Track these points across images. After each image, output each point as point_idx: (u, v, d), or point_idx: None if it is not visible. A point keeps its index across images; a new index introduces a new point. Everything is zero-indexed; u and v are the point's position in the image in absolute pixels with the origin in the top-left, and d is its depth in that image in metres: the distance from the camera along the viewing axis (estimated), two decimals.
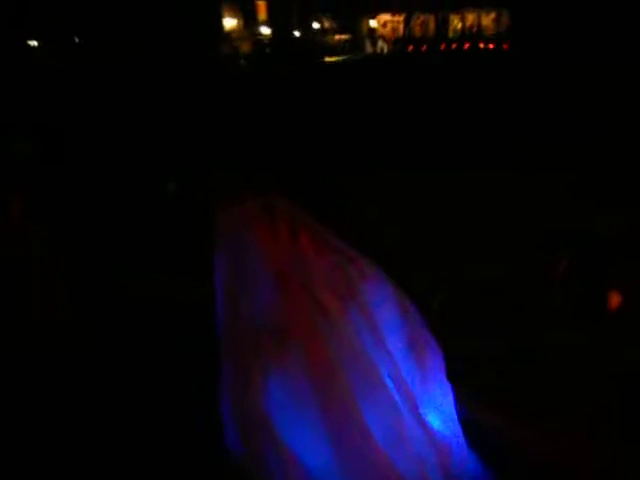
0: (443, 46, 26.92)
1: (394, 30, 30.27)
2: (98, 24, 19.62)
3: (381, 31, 30.34)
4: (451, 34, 28.87)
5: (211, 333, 2.51)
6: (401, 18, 30.11)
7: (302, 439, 2.10)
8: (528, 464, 2.41)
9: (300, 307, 2.19)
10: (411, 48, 27.43)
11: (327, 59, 24.25)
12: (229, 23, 27.52)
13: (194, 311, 3.25)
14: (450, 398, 2.43)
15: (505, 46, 24.48)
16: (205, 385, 2.49)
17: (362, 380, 2.15)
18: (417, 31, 29.68)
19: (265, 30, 28.83)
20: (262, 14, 29.25)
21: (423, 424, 2.27)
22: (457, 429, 2.42)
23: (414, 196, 5.34)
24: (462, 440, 2.41)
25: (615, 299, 3.39)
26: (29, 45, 20.76)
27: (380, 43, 29.34)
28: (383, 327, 2.30)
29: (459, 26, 29.14)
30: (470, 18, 28.84)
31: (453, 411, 2.43)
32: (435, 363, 2.38)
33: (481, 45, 26.26)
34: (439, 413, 2.38)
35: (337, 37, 30.75)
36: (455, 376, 2.45)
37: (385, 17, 30.27)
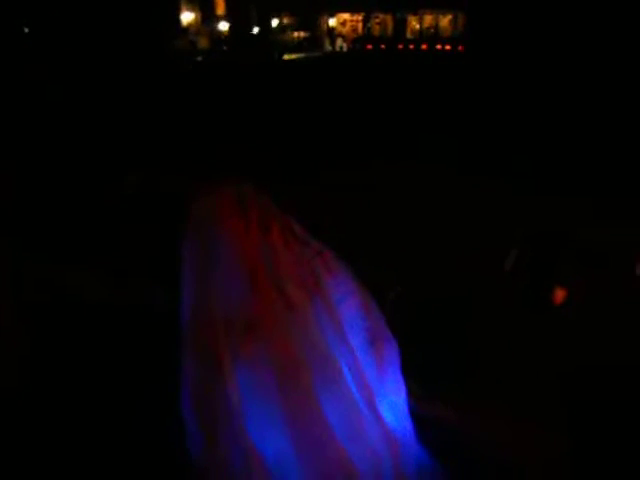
0: (401, 46, 27.24)
1: (353, 29, 30.49)
2: (51, 15, 19.01)
3: (340, 29, 30.51)
4: (409, 35, 29.28)
5: (160, 334, 2.47)
6: (360, 17, 30.35)
7: (264, 431, 2.11)
8: (478, 457, 2.46)
9: (268, 301, 2.19)
10: (369, 47, 27.65)
11: (285, 56, 24.20)
12: (187, 17, 27.14)
13: (142, 313, 3.19)
14: (403, 393, 2.47)
15: (461, 48, 24.95)
16: (156, 385, 2.46)
17: (323, 375, 2.18)
18: (376, 30, 29.98)
19: (223, 26, 28.56)
20: (220, 9, 28.97)
21: (379, 419, 2.30)
22: (409, 424, 2.45)
23: (370, 189, 5.37)
24: (413, 434, 2.45)
25: (560, 294, 3.48)
26: None
27: (339, 41, 29.48)
28: (345, 322, 2.32)
29: (417, 27, 29.58)
30: (428, 19, 29.30)
31: (405, 406, 2.47)
32: (392, 359, 2.41)
33: (438, 46, 26.70)
34: (393, 408, 2.42)
35: (296, 34, 30.74)
36: (407, 371, 2.48)
37: (344, 16, 30.45)
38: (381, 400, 2.36)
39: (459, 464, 2.45)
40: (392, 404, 2.41)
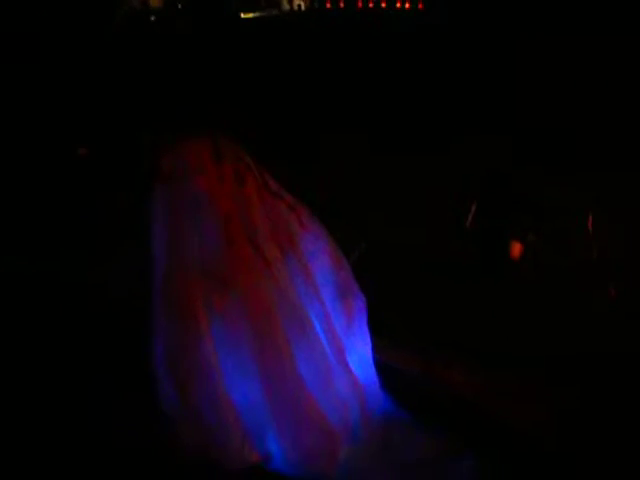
0: (360, 4, 26.74)
1: None
2: None
3: None
4: None
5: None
6: None
7: (237, 383, 2.16)
8: (439, 405, 2.61)
9: (244, 256, 2.20)
10: (329, 6, 27.05)
11: (242, 15, 23.49)
12: None
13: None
14: (369, 345, 2.57)
15: (420, 5, 24.67)
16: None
17: (296, 328, 2.23)
18: None
19: None
20: None
21: (347, 370, 2.40)
22: (374, 374, 2.56)
23: (334, 156, 5.37)
24: (378, 383, 2.57)
25: (517, 249, 3.63)
26: None
27: (297, 0, 28.74)
28: (317, 277, 2.38)
29: None
30: None
31: (371, 357, 2.58)
32: (360, 312, 2.50)
33: (398, 4, 26.31)
34: (360, 359, 2.52)
35: None
36: (373, 323, 2.59)
37: None
38: (349, 351, 2.45)
39: (420, 410, 2.59)
40: (359, 355, 2.51)
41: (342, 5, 26.98)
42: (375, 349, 2.59)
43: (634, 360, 2.83)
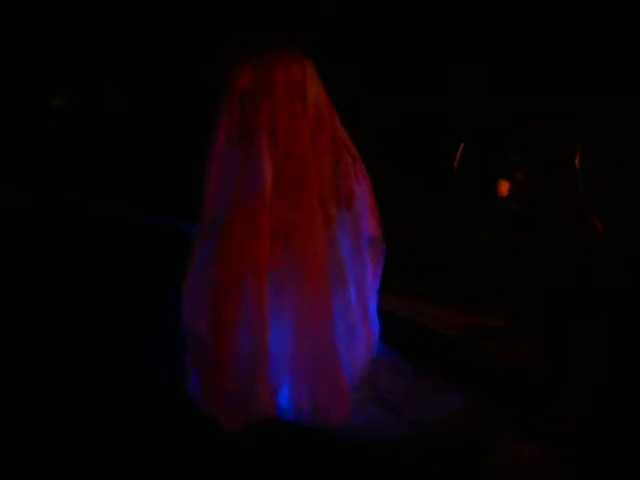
0: None
1: None
2: None
3: None
4: None
5: None
6: None
7: (276, 333, 2.11)
8: (425, 345, 2.69)
9: (309, 207, 2.06)
10: None
11: None
12: None
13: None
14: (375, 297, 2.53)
15: None
16: None
17: (338, 286, 2.19)
18: None
19: None
20: None
21: (367, 327, 2.41)
22: (378, 325, 2.56)
23: None
24: (379, 334, 2.58)
25: (505, 187, 3.65)
26: None
27: None
28: (362, 237, 2.31)
29: None
30: None
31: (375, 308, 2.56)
32: (381, 267, 2.46)
33: None
34: (374, 313, 2.52)
35: None
36: None
37: None
38: (372, 306, 2.46)
39: (408, 351, 2.67)
40: (374, 308, 2.51)
41: None
42: None
43: (619, 295, 2.91)
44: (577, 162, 3.64)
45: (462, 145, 3.79)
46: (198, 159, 2.14)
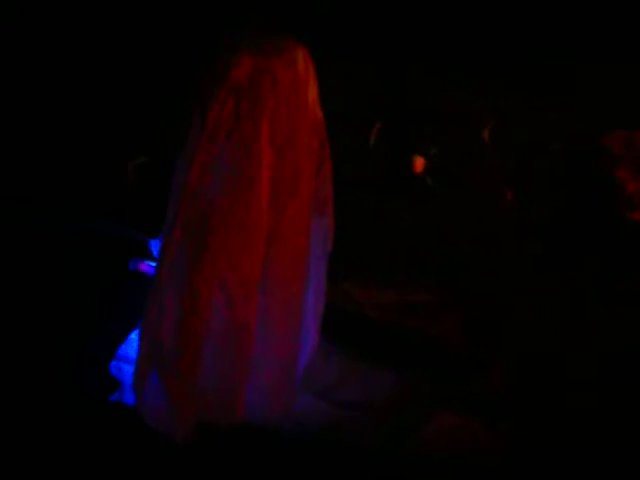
0: None
1: None
2: None
3: None
4: None
5: None
6: None
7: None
8: (351, 326, 2.72)
9: (299, 205, 1.99)
10: None
11: None
12: None
13: None
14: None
15: None
16: None
17: (306, 285, 2.17)
18: None
19: None
20: None
21: (317, 325, 2.41)
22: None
23: None
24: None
25: (420, 163, 3.72)
26: None
27: None
28: (327, 240, 2.29)
29: None
30: None
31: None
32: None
33: None
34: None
35: None
36: None
37: None
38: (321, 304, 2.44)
39: (335, 334, 2.69)
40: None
41: None
42: None
43: (533, 261, 3.06)
44: (487, 134, 3.75)
45: (377, 123, 3.81)
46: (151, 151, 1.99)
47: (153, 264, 2.52)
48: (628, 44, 4.02)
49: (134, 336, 2.38)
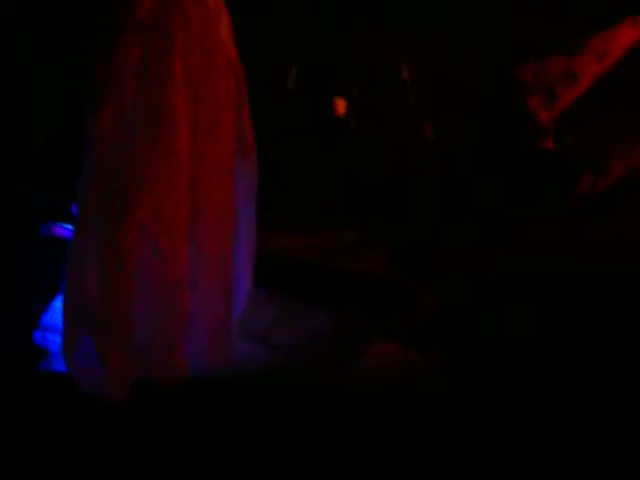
0: None
1: None
2: None
3: None
4: None
5: None
6: None
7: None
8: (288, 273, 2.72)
9: (230, 143, 1.95)
10: None
11: None
12: None
13: None
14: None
15: None
16: None
17: (235, 231, 2.13)
18: None
19: None
20: None
21: (250, 271, 2.40)
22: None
23: None
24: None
25: (341, 105, 3.69)
26: None
27: None
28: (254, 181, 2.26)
29: None
30: None
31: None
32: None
33: None
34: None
35: None
36: None
37: None
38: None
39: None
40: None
41: None
42: None
43: (456, 188, 3.14)
44: (405, 74, 3.76)
45: (294, 67, 3.73)
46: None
47: (69, 227, 2.42)
48: None
49: (57, 304, 2.30)
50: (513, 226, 3.02)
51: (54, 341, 2.22)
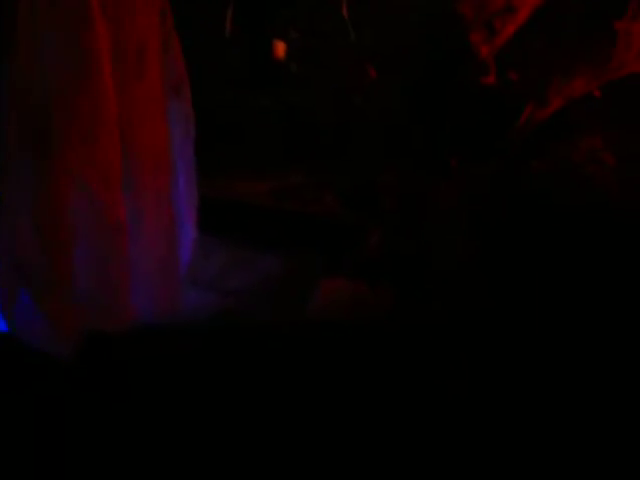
0: None
1: None
2: None
3: None
4: None
5: None
6: None
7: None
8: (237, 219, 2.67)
9: (155, 86, 1.87)
10: None
11: None
12: None
13: None
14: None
15: None
16: None
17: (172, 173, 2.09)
18: None
19: None
20: None
21: (193, 214, 2.38)
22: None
23: None
24: None
25: (281, 47, 3.59)
26: None
27: None
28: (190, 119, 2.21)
29: None
30: None
31: None
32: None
33: None
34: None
35: None
36: None
37: None
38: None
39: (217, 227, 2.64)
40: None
41: None
42: None
43: (397, 127, 3.12)
44: (345, 12, 3.67)
45: (230, 10, 3.60)
46: None
47: None
48: None
49: None
50: (456, 162, 3.05)
51: None
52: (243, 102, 3.38)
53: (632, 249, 2.43)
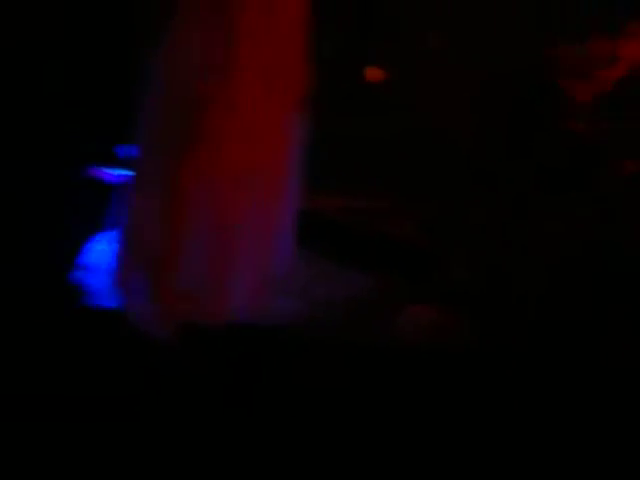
0: None
1: None
2: None
3: None
4: None
5: None
6: None
7: None
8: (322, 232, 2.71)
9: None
10: None
11: None
12: None
13: None
14: None
15: None
16: None
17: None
18: None
19: None
20: None
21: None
22: None
23: None
24: None
25: (376, 73, 3.67)
26: None
27: None
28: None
29: None
30: None
31: None
32: None
33: None
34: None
35: None
36: None
37: None
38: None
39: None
40: None
41: None
42: None
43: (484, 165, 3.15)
44: (434, 43, 3.71)
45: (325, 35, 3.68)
46: None
47: (113, 171, 2.44)
48: None
49: (97, 245, 2.32)
50: (539, 208, 3.06)
51: (94, 279, 2.25)
52: (333, 125, 3.45)
53: None
